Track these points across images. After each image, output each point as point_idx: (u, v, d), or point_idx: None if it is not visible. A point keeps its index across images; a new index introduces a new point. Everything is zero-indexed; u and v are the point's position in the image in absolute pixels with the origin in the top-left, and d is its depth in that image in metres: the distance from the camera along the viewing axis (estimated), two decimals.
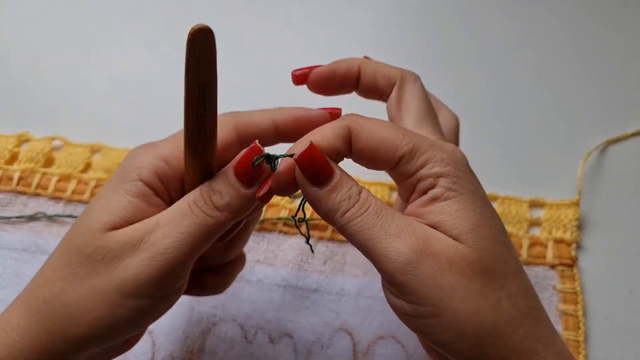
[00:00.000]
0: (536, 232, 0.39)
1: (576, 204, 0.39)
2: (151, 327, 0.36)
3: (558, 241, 0.38)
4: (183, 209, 0.24)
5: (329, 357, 0.35)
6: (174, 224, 0.24)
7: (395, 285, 0.23)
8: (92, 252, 0.24)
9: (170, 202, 0.26)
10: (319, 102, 0.46)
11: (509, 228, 0.39)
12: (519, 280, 0.23)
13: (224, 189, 0.24)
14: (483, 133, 0.44)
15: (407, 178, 0.24)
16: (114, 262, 0.24)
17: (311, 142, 0.24)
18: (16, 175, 0.42)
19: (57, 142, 0.44)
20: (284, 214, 0.40)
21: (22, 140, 0.44)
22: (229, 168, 0.25)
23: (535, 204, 0.40)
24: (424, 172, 0.24)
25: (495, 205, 0.40)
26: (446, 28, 0.50)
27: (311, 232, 0.39)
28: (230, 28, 0.50)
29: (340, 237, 0.39)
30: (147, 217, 0.25)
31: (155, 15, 0.51)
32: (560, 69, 0.47)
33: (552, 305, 0.36)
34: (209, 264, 0.30)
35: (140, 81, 0.48)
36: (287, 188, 0.25)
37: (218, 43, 0.57)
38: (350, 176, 0.25)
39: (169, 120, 0.46)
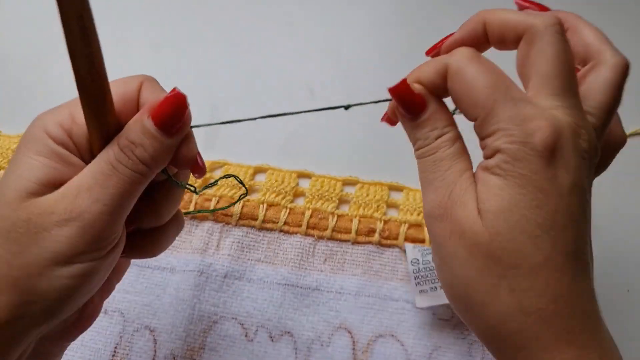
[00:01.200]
0: None
1: None
2: (152, 325, 0.37)
3: None
4: (105, 169, 0.23)
5: (328, 355, 0.36)
6: (100, 187, 0.22)
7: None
8: (12, 225, 0.22)
9: (86, 162, 0.24)
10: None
11: None
12: (537, 278, 0.22)
13: (145, 140, 0.23)
14: None
15: (479, 135, 0.25)
16: (42, 235, 0.22)
17: (404, 79, 0.25)
18: None
19: None
20: (283, 214, 0.40)
21: None
22: (144, 116, 0.23)
23: None
24: (488, 141, 0.24)
25: None
26: (446, 29, 0.50)
27: (311, 231, 0.39)
28: (230, 28, 0.50)
29: (340, 236, 0.39)
30: (67, 178, 0.23)
31: (156, 15, 0.51)
32: None
33: None
34: (143, 226, 0.28)
35: None
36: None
37: (218, 43, 0.57)
38: (444, 114, 0.26)
39: None
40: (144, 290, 0.38)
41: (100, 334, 0.37)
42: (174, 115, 0.24)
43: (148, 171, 0.23)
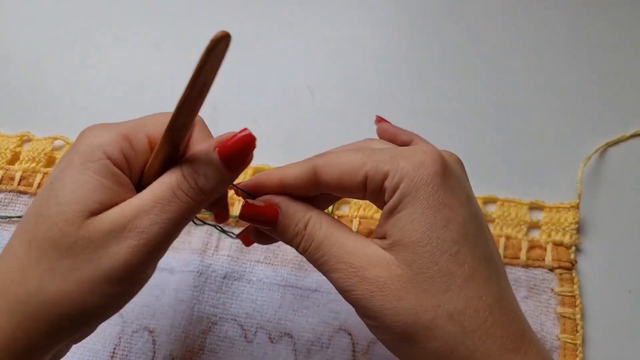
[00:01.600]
0: (535, 234, 0.39)
1: (576, 207, 0.39)
2: (151, 325, 0.36)
3: (557, 244, 0.38)
4: (167, 194, 0.24)
5: (328, 357, 0.36)
6: (160, 210, 0.24)
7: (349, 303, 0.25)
8: (73, 243, 0.23)
9: (134, 183, 0.25)
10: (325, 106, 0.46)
11: (509, 230, 0.39)
12: (467, 294, 0.23)
13: (210, 172, 0.24)
14: (483, 135, 0.44)
15: (377, 195, 0.25)
16: (99, 252, 0.23)
17: (245, 202, 0.26)
18: (17, 175, 0.42)
19: (58, 142, 0.44)
20: None
21: (24, 140, 0.44)
22: (212, 149, 0.25)
23: (534, 207, 0.40)
24: (386, 184, 0.24)
25: (494, 207, 0.40)
26: (446, 29, 0.50)
27: None
28: (230, 28, 0.50)
29: None
30: (119, 199, 0.24)
31: (157, 15, 0.51)
32: (560, 72, 0.47)
33: (550, 308, 0.36)
34: None
35: (141, 81, 0.48)
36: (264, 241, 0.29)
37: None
38: (297, 206, 0.26)
39: None
40: (143, 291, 0.37)
41: (99, 335, 0.36)
42: (241, 153, 0.25)
43: (204, 201, 0.25)
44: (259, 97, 0.47)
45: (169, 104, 0.47)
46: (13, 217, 0.40)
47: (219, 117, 0.46)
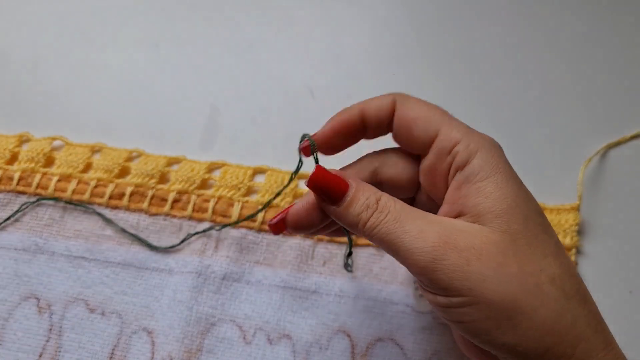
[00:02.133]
0: None
1: (576, 209, 0.39)
2: (150, 326, 0.36)
3: None
4: None
5: (327, 359, 0.35)
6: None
7: (427, 281, 0.23)
8: None
9: None
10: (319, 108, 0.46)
11: None
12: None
13: None
14: None
15: (444, 157, 0.24)
16: None
17: (317, 166, 0.25)
18: (16, 175, 0.42)
19: (57, 142, 0.44)
20: None
21: (23, 140, 0.44)
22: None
23: None
24: (460, 147, 0.24)
25: None
26: (446, 29, 0.50)
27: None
28: (230, 28, 0.50)
29: (340, 239, 0.39)
30: None
31: (156, 15, 0.51)
32: (560, 72, 0.47)
33: None
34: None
35: (140, 81, 0.48)
36: (300, 227, 0.27)
37: (218, 42, 0.57)
38: (367, 185, 0.25)
39: (169, 120, 0.46)
40: (142, 292, 0.38)
41: (98, 336, 0.36)
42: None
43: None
44: (259, 97, 0.46)
45: (167, 103, 0.47)
46: (11, 217, 0.40)
47: (218, 117, 0.46)
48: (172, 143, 0.44)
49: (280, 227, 0.28)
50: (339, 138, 0.28)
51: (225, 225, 0.39)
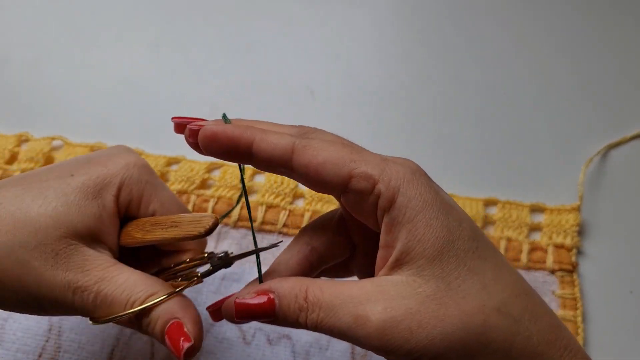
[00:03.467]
0: (536, 237, 0.39)
1: (577, 209, 0.39)
2: None
3: (558, 246, 0.38)
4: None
5: (327, 359, 0.35)
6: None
7: (382, 354, 0.22)
8: (51, 249, 0.24)
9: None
10: (319, 110, 0.46)
11: (510, 232, 0.39)
12: (503, 284, 0.22)
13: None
14: (483, 137, 0.44)
15: (366, 198, 0.22)
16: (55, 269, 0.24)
17: (235, 301, 0.24)
18: None
19: (57, 142, 0.44)
20: (283, 215, 0.40)
21: (22, 140, 0.44)
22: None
23: (536, 209, 0.40)
24: (381, 187, 0.22)
25: (495, 209, 0.40)
26: (446, 30, 0.50)
27: None
28: (230, 28, 0.50)
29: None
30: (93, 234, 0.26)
31: (155, 15, 0.51)
32: (561, 73, 0.47)
33: None
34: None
35: (140, 81, 0.47)
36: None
37: (218, 43, 0.57)
38: (291, 281, 0.23)
39: (169, 120, 0.46)
40: None
41: (97, 337, 0.36)
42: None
43: None
44: (259, 97, 0.46)
45: (167, 103, 0.47)
46: None
47: (218, 117, 0.46)
48: (172, 143, 0.44)
49: (218, 315, 0.27)
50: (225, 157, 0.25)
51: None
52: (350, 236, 0.27)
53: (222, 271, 0.38)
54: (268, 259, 0.37)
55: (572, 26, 0.49)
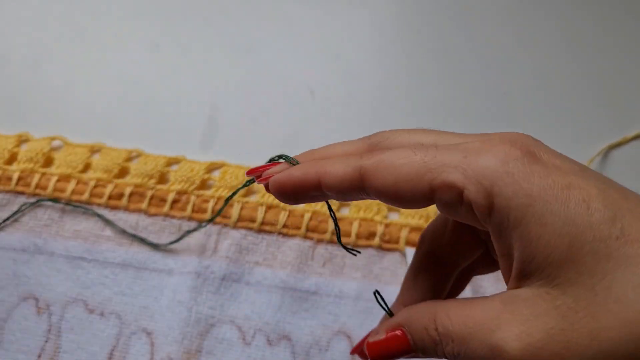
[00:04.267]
0: None
1: None
2: (149, 327, 0.36)
3: None
4: None
5: None
6: None
7: None
8: None
9: None
10: (325, 111, 0.46)
11: None
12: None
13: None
14: None
15: (457, 210, 0.19)
16: None
17: (367, 342, 0.22)
18: (15, 175, 0.42)
19: (56, 142, 0.44)
20: (283, 216, 0.40)
21: (22, 140, 0.44)
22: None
23: None
24: (470, 195, 0.18)
25: None
26: (447, 30, 0.49)
27: (310, 234, 0.39)
28: (230, 28, 0.50)
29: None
30: None
31: (155, 15, 0.51)
32: (561, 73, 0.47)
33: None
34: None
35: (140, 81, 0.47)
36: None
37: (218, 43, 0.57)
38: (422, 310, 0.21)
39: (168, 120, 0.46)
40: (141, 292, 0.37)
41: (97, 337, 0.36)
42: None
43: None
44: (259, 97, 0.46)
45: (167, 103, 0.47)
46: (10, 217, 0.40)
47: (218, 117, 0.46)
48: (172, 143, 0.44)
49: (364, 355, 0.25)
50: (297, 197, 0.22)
51: (210, 220, 0.38)
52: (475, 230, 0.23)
53: (223, 271, 0.38)
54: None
55: (573, 26, 0.49)
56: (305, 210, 0.40)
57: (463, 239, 0.24)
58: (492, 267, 0.26)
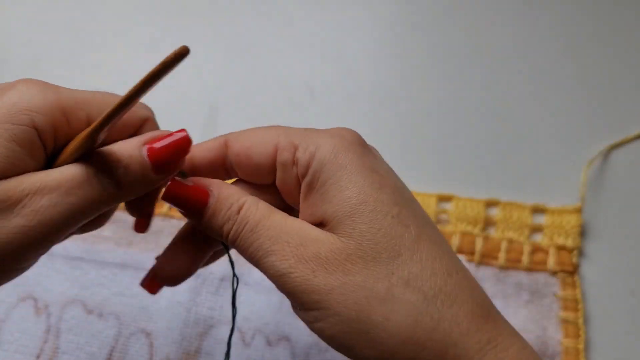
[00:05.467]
0: (538, 238, 0.39)
1: (578, 210, 0.39)
2: (149, 328, 0.36)
3: (560, 248, 0.38)
4: (79, 178, 0.21)
5: None
6: (65, 192, 0.20)
7: (286, 295, 0.22)
8: None
9: (47, 155, 0.22)
10: (322, 109, 0.46)
11: (511, 234, 0.38)
12: (420, 255, 0.21)
13: (133, 168, 0.21)
14: (485, 138, 0.44)
15: (289, 171, 0.23)
16: None
17: (172, 180, 0.23)
18: None
19: None
20: None
21: None
22: (141, 144, 0.22)
23: (537, 210, 0.39)
24: (299, 155, 0.22)
25: (497, 210, 0.40)
26: (447, 30, 0.49)
27: None
28: (229, 27, 0.50)
29: None
30: (23, 171, 0.21)
31: (155, 15, 0.51)
32: (562, 73, 0.47)
33: (552, 312, 0.36)
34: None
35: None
36: (174, 278, 0.25)
37: (218, 43, 0.57)
38: (232, 190, 0.23)
39: (168, 120, 0.46)
40: (140, 293, 0.37)
41: (96, 337, 0.36)
42: (173, 157, 0.22)
43: (117, 197, 0.22)
44: (259, 97, 0.46)
45: (167, 103, 0.47)
46: None
47: (218, 117, 0.45)
48: None
49: (154, 285, 0.26)
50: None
51: None
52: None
53: (222, 272, 0.38)
54: None
55: (574, 26, 0.49)
56: None
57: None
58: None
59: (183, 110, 0.46)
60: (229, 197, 0.23)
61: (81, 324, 0.36)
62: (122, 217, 0.40)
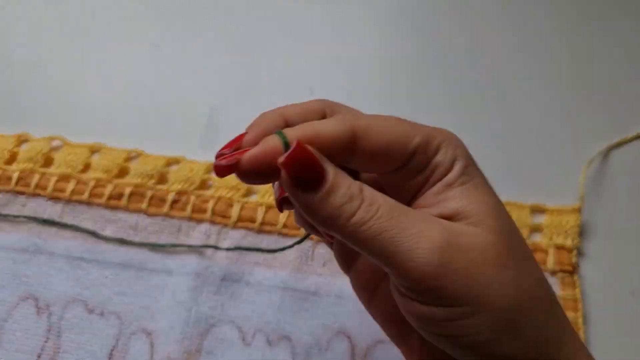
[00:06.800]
0: (537, 238, 0.39)
1: (578, 210, 0.39)
2: (149, 327, 0.36)
3: (559, 247, 0.38)
4: None
5: None
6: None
7: (425, 291, 0.19)
8: None
9: None
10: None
11: None
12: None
13: None
14: (484, 137, 0.44)
15: (419, 172, 0.21)
16: None
17: (298, 141, 0.20)
18: (15, 175, 0.42)
19: (56, 142, 0.44)
20: (282, 216, 0.40)
21: (22, 140, 0.44)
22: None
23: (536, 210, 0.39)
24: (439, 158, 0.21)
25: None
26: (447, 30, 0.49)
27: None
28: (230, 27, 0.50)
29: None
30: None
31: (156, 15, 0.51)
32: (561, 73, 0.47)
33: None
34: None
35: (140, 81, 0.47)
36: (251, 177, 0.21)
37: (218, 43, 0.57)
38: (344, 172, 0.20)
39: (168, 120, 0.46)
40: (141, 292, 0.37)
41: (97, 337, 0.36)
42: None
43: None
44: (259, 97, 0.46)
45: (167, 103, 0.47)
46: (9, 215, 0.40)
47: (218, 117, 0.46)
48: (172, 143, 0.44)
49: (229, 169, 0.22)
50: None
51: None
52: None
53: (223, 271, 0.38)
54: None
55: (573, 26, 0.49)
56: None
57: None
58: None
59: (183, 111, 0.46)
60: (347, 177, 0.20)
61: (82, 323, 0.37)
62: (123, 217, 0.40)
